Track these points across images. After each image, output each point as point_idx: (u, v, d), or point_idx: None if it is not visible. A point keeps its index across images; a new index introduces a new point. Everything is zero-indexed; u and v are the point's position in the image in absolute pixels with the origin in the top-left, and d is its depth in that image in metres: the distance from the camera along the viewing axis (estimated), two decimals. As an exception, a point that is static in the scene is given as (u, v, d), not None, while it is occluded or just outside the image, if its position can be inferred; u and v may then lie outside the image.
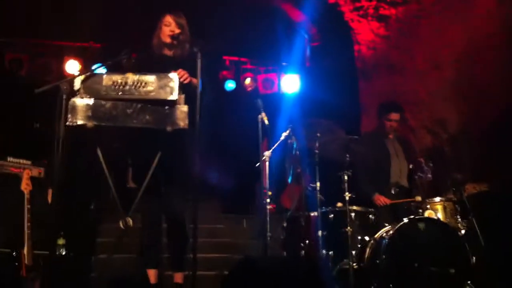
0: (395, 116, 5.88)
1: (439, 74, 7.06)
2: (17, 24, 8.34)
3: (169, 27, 4.39)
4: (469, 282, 4.60)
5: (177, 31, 4.37)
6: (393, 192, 5.70)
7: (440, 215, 5.13)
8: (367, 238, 5.12)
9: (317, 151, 5.26)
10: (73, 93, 3.72)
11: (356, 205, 5.26)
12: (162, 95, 3.75)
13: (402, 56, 7.57)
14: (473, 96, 6.71)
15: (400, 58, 7.60)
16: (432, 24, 7.10)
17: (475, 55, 6.66)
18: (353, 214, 5.17)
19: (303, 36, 9.36)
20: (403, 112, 6.10)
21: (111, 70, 4.18)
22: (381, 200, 5.58)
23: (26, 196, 4.69)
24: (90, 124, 3.68)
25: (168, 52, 4.49)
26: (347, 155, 5.15)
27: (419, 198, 5.22)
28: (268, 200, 5.27)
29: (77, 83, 3.74)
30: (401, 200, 5.56)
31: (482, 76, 6.59)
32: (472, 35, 6.68)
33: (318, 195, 5.21)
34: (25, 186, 4.74)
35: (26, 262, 4.37)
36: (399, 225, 4.73)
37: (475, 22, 6.62)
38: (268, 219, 5.16)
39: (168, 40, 4.39)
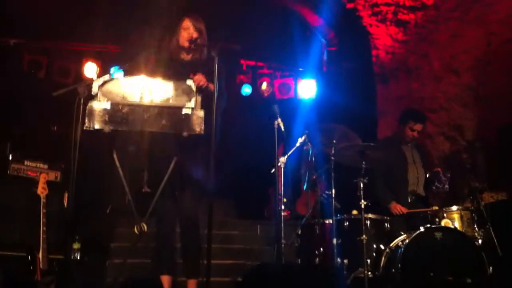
0: (419, 127, 5.76)
1: (457, 79, 7.00)
2: (36, 26, 8.42)
3: (187, 30, 4.38)
4: (485, 292, 4.55)
5: (195, 35, 4.36)
6: (409, 200, 5.63)
7: (457, 224, 5.07)
8: (382, 246, 5.08)
9: (333, 157, 5.22)
10: (91, 97, 3.73)
11: (371, 213, 5.21)
12: (179, 102, 3.76)
13: (420, 61, 7.53)
14: (492, 102, 6.64)
15: (418, 63, 7.55)
16: (450, 30, 7.05)
17: (493, 60, 6.60)
18: (368, 222, 5.13)
19: (320, 41, 9.34)
20: (425, 123, 6.00)
21: (128, 73, 4.20)
22: (398, 208, 5.50)
23: (42, 200, 4.72)
24: (107, 128, 3.68)
25: (186, 57, 4.48)
26: (363, 162, 5.10)
27: (436, 208, 5.17)
28: (282, 207, 5.25)
29: (95, 87, 3.75)
30: (418, 210, 5.50)
31: (501, 81, 6.53)
32: (490, 41, 6.61)
33: (334, 202, 5.18)
34: (41, 190, 4.76)
35: (41, 266, 4.39)
36: (415, 234, 4.69)
37: (493, 27, 6.57)
38: (282, 225, 5.14)
39: (186, 44, 4.38)
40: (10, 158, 5.17)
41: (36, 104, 7.60)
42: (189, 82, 3.82)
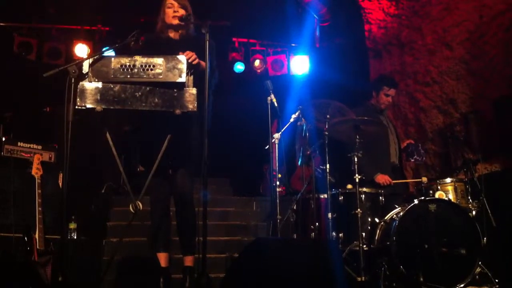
0: (393, 91, 5.79)
1: (450, 53, 6.98)
2: (26, 8, 8.35)
3: (172, 8, 4.35)
4: (479, 263, 4.59)
5: (181, 12, 4.32)
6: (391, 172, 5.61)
7: (451, 196, 5.11)
8: (377, 219, 5.11)
9: (326, 132, 5.23)
10: (82, 77, 3.70)
11: (366, 187, 5.23)
12: (171, 77, 3.72)
13: (412, 35, 7.50)
14: (484, 75, 6.63)
15: (411, 37, 7.53)
16: (442, 3, 7.02)
17: (486, 33, 6.57)
18: (363, 196, 5.15)
19: (312, 16, 9.29)
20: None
21: (119, 53, 4.16)
22: (385, 179, 5.45)
23: (37, 180, 4.71)
24: (99, 107, 3.66)
25: (174, 35, 4.45)
26: (357, 136, 5.10)
27: (425, 179, 5.18)
28: (277, 183, 5.27)
29: (86, 67, 3.71)
30: (405, 180, 5.51)
31: (493, 54, 6.51)
32: (483, 13, 6.58)
33: (328, 177, 5.20)
34: (36, 171, 4.75)
35: (37, 246, 4.40)
36: (409, 206, 4.71)
37: (486, -1, 6.53)
38: (278, 201, 5.17)
39: (171, 21, 4.35)
40: (3, 139, 5.15)
41: (28, 85, 7.56)
42: (180, 57, 3.79)
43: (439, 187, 5.11)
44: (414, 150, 5.42)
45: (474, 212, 5.02)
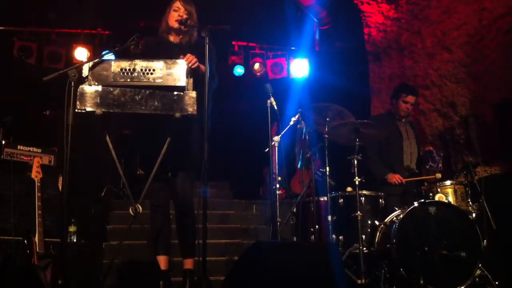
0: (411, 98, 5.84)
1: (450, 56, 6.99)
2: (26, 12, 8.36)
3: (178, 12, 4.37)
4: (479, 265, 4.59)
5: (185, 16, 4.34)
6: (404, 176, 5.65)
7: (450, 199, 5.11)
8: (377, 222, 5.11)
9: (326, 135, 5.23)
10: (82, 80, 3.71)
11: (366, 189, 5.24)
12: (170, 81, 3.73)
13: (412, 38, 7.50)
14: (484, 78, 6.64)
15: (410, 41, 7.53)
16: (442, 6, 7.02)
17: (486, 36, 6.58)
18: (363, 199, 5.16)
19: (312, 20, 9.31)
20: (418, 96, 6.07)
21: (119, 56, 4.16)
22: (396, 178, 5.52)
23: (37, 184, 4.71)
24: (98, 111, 3.66)
25: (175, 38, 4.46)
26: (357, 140, 5.11)
27: (439, 175, 5.17)
28: (277, 186, 5.27)
29: (85, 70, 3.72)
30: (419, 178, 5.53)
31: (493, 57, 6.52)
32: (482, 16, 6.59)
33: (328, 180, 5.20)
34: (36, 174, 4.75)
35: (37, 249, 4.40)
36: (409, 209, 4.72)
37: (485, 3, 6.53)
38: (277, 204, 5.17)
39: (175, 25, 4.35)
40: (3, 143, 5.16)
41: (28, 89, 7.57)
42: (180, 61, 3.80)
43: (439, 190, 5.11)
44: (428, 157, 5.44)
45: (474, 215, 5.02)
